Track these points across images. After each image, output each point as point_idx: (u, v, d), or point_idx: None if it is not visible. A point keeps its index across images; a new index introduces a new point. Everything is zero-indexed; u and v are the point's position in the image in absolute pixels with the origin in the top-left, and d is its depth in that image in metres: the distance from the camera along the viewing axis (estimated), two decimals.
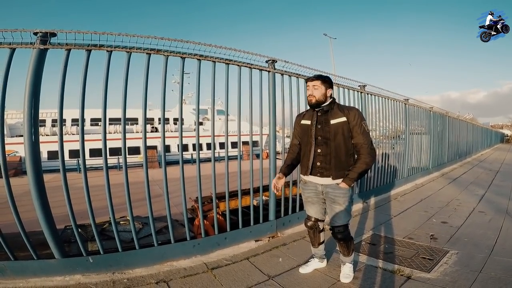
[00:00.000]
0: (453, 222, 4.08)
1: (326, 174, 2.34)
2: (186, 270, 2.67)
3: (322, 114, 2.36)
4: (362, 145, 2.26)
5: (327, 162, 2.32)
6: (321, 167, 2.35)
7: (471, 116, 15.75)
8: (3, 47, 2.19)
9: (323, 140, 2.32)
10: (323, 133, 2.33)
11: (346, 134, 2.28)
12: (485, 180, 7.87)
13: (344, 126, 2.28)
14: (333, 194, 2.33)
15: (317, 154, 2.35)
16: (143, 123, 2.63)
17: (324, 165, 2.33)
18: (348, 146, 2.30)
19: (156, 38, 2.56)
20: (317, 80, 2.34)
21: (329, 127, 2.30)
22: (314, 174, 2.39)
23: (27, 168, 2.29)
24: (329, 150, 2.30)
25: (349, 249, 2.47)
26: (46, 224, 2.37)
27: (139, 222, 3.32)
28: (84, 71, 2.38)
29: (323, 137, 2.33)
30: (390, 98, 5.89)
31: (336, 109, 2.34)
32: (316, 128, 2.36)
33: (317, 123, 2.36)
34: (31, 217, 2.39)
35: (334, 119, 2.30)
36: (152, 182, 2.69)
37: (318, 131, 2.35)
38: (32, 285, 2.30)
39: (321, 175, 2.36)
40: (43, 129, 20.86)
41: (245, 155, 19.64)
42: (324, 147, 2.32)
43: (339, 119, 2.29)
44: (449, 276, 2.54)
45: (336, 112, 2.32)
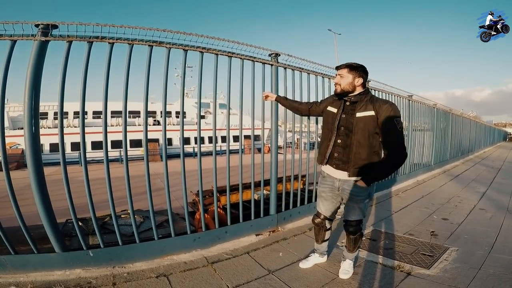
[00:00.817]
0: (454, 219, 4.07)
1: (341, 167, 2.24)
2: (186, 264, 2.68)
3: (349, 104, 2.22)
4: (391, 144, 2.09)
5: (345, 154, 2.21)
6: (337, 159, 2.25)
7: (474, 113, 15.65)
8: (4, 39, 2.17)
9: (345, 131, 2.20)
10: (347, 124, 2.20)
11: (372, 129, 2.11)
12: (487, 178, 7.84)
13: (371, 121, 2.11)
14: (349, 191, 2.24)
15: (337, 144, 2.24)
16: (144, 116, 2.62)
17: (341, 157, 2.23)
18: (373, 142, 2.14)
19: (158, 30, 2.53)
20: (344, 68, 2.20)
21: (353, 119, 2.16)
22: (330, 164, 2.31)
23: (27, 160, 2.28)
24: (350, 143, 2.17)
25: (356, 245, 2.43)
26: (46, 218, 2.37)
27: (139, 216, 3.33)
28: (86, 63, 2.36)
29: (345, 128, 2.20)
30: (394, 94, 5.85)
31: (366, 101, 2.16)
32: (341, 117, 2.23)
33: (342, 112, 2.24)
34: (33, 211, 2.39)
35: (361, 111, 2.14)
36: (153, 176, 2.69)
37: (341, 121, 2.23)
38: (32, 279, 2.31)
39: (336, 166, 2.27)
40: (45, 121, 20.94)
41: (246, 149, 19.64)
42: (345, 139, 2.20)
43: (367, 113, 2.12)
44: (448, 272, 2.54)
45: (365, 104, 2.15)
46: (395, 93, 5.94)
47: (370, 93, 2.26)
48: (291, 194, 3.76)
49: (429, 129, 8.08)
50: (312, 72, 3.85)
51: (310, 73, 3.82)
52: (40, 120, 2.41)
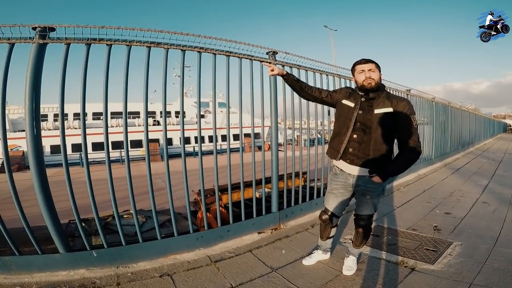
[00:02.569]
0: (457, 213, 4.07)
1: (356, 163, 2.21)
2: (190, 263, 2.68)
3: (366, 100, 2.19)
4: (408, 141, 2.10)
5: (361, 150, 2.18)
6: (353, 154, 2.22)
7: (473, 106, 15.65)
8: (2, 42, 2.17)
9: (362, 127, 2.17)
10: (364, 120, 2.16)
11: (389, 126, 2.12)
12: (488, 170, 7.84)
13: (389, 118, 2.11)
14: (364, 187, 2.24)
15: (352, 139, 2.20)
16: (145, 117, 2.62)
17: (357, 152, 2.19)
18: (389, 138, 2.16)
19: (156, 31, 2.53)
20: (372, 63, 2.18)
21: (371, 115, 2.14)
22: (344, 159, 2.27)
23: (30, 162, 2.29)
24: (367, 139, 2.15)
25: (364, 240, 2.42)
26: (50, 219, 2.38)
27: (142, 216, 3.33)
28: (84, 65, 2.36)
29: (362, 123, 2.17)
30: (391, 89, 5.83)
31: (383, 97, 2.16)
32: (358, 113, 2.19)
33: (359, 108, 2.19)
34: (36, 212, 2.40)
35: (379, 108, 2.13)
36: (154, 176, 2.69)
37: (359, 117, 2.18)
38: (37, 280, 2.32)
39: (351, 162, 2.24)
40: (45, 123, 20.94)
41: (246, 147, 19.64)
42: (361, 135, 2.17)
43: (385, 109, 2.12)
44: (453, 267, 2.54)
45: (383, 101, 2.14)
46: (393, 87, 5.92)
47: (385, 89, 2.26)
48: (293, 192, 3.76)
49: (429, 123, 8.08)
50: (310, 69, 3.83)
51: (308, 70, 3.81)
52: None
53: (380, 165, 2.17)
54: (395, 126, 2.13)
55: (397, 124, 2.12)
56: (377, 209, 2.37)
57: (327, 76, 4.11)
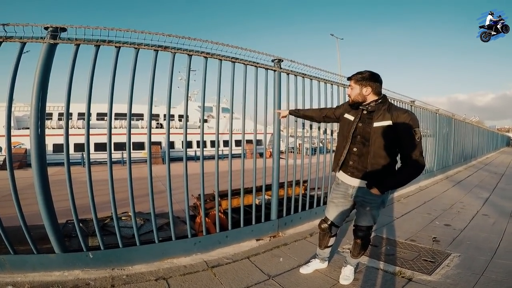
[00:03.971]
0: (456, 224, 4.06)
1: (357, 175, 2.23)
2: (186, 267, 2.67)
3: (367, 113, 2.20)
4: (409, 155, 2.06)
5: (361, 163, 2.20)
6: (353, 167, 2.24)
7: (477, 119, 15.61)
8: (14, 41, 2.20)
9: (361, 140, 2.19)
10: (363, 133, 2.18)
11: (389, 139, 2.09)
12: (490, 183, 7.81)
13: (388, 131, 2.08)
14: (362, 198, 2.25)
15: (352, 152, 2.23)
16: (149, 119, 2.64)
17: (357, 165, 2.21)
18: (389, 152, 2.13)
19: (164, 35, 2.56)
20: (351, 80, 2.23)
21: (370, 128, 2.14)
22: (345, 171, 2.30)
23: (32, 161, 2.30)
24: (366, 152, 2.16)
25: (362, 250, 2.42)
26: (48, 218, 2.38)
27: (140, 218, 3.33)
28: (92, 66, 2.39)
29: (361, 136, 2.19)
30: (395, 100, 5.85)
31: (384, 110, 2.13)
32: (357, 126, 2.22)
33: (359, 121, 2.22)
34: (33, 211, 2.40)
35: (378, 121, 2.12)
36: (155, 178, 2.69)
37: (358, 129, 2.21)
38: (30, 279, 2.31)
39: (351, 174, 2.26)
40: (49, 122, 21.06)
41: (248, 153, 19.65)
42: (361, 147, 2.19)
43: (384, 123, 2.10)
44: (450, 278, 2.53)
45: (383, 113, 2.12)
46: (397, 98, 5.93)
47: (388, 101, 2.24)
48: (293, 200, 3.76)
49: (432, 135, 8.07)
50: (315, 78, 3.86)
51: (313, 79, 3.84)
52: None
53: (379, 178, 2.15)
54: (396, 140, 2.09)
55: (398, 137, 2.08)
56: (376, 221, 2.37)
57: (331, 85, 4.13)
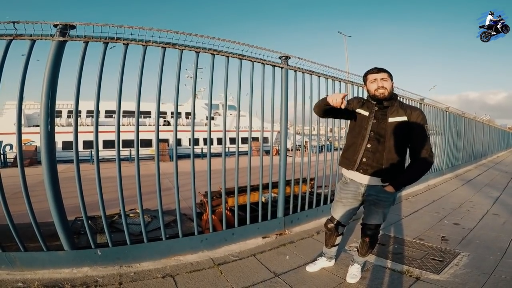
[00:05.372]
0: (466, 224, 4.00)
1: (369, 172, 2.18)
2: (193, 265, 2.69)
3: (380, 109, 2.18)
4: (420, 150, 2.10)
5: (375, 160, 2.16)
6: (366, 164, 2.19)
7: (488, 117, 15.35)
8: (24, 38, 2.23)
9: (376, 137, 2.15)
10: (378, 129, 2.15)
11: (403, 135, 2.11)
12: (501, 183, 7.68)
13: (403, 127, 2.10)
14: (376, 197, 2.21)
15: (366, 149, 2.18)
16: (156, 117, 2.64)
17: (371, 162, 2.17)
18: (403, 148, 2.15)
19: (171, 32, 2.56)
20: (385, 72, 2.15)
21: (385, 124, 2.13)
22: (358, 170, 2.23)
23: (42, 158, 2.33)
24: (381, 148, 2.14)
25: (370, 249, 2.40)
26: (57, 215, 2.40)
27: (148, 215, 3.35)
28: (101, 64, 2.41)
29: (376, 133, 2.15)
30: (405, 97, 5.78)
31: (397, 106, 2.16)
32: (372, 122, 2.18)
33: (374, 117, 2.18)
34: (43, 208, 2.43)
35: (394, 117, 2.12)
36: (162, 175, 2.71)
37: (373, 126, 2.16)
38: (40, 276, 2.33)
39: (364, 172, 2.20)
40: (58, 120, 21.30)
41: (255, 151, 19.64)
42: (375, 144, 2.15)
43: (399, 118, 2.11)
44: (459, 278, 2.50)
45: (396, 109, 2.14)
46: (406, 96, 5.86)
47: (398, 98, 2.24)
48: (299, 197, 3.75)
49: (441, 133, 7.97)
50: (322, 75, 3.83)
51: (320, 76, 3.81)
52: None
53: (393, 175, 2.15)
54: (409, 136, 2.12)
55: (410, 134, 2.12)
56: (386, 219, 2.34)
57: (339, 83, 4.10)
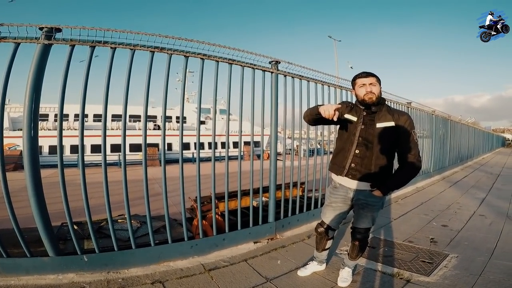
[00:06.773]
0: (454, 225, 4.07)
1: (357, 178, 2.19)
2: (183, 270, 2.65)
3: (368, 114, 2.17)
4: (408, 155, 2.11)
5: (364, 165, 2.16)
6: (354, 169, 2.19)
7: (473, 120, 15.72)
8: (8, 41, 2.17)
9: (364, 142, 2.15)
10: (366, 135, 2.15)
11: (392, 140, 2.13)
12: (486, 184, 7.85)
13: (391, 132, 2.11)
14: (364, 201, 2.22)
15: (354, 155, 2.18)
16: (144, 121, 2.61)
17: (359, 167, 2.17)
18: (391, 153, 2.17)
19: (160, 36, 2.54)
20: (373, 77, 2.14)
21: (373, 129, 2.13)
22: (347, 175, 2.23)
23: (25, 163, 2.27)
24: (369, 154, 2.14)
25: (360, 252, 2.41)
26: (41, 221, 2.34)
27: (136, 221, 3.30)
28: (87, 67, 2.37)
29: (364, 138, 2.15)
30: (392, 101, 5.86)
31: (384, 111, 2.16)
32: (361, 128, 2.17)
33: (362, 123, 2.17)
34: (28, 213, 2.36)
35: (381, 122, 2.12)
36: (152, 180, 2.67)
37: (361, 132, 2.16)
38: (24, 283, 2.27)
39: (352, 177, 2.21)
40: (45, 123, 20.89)
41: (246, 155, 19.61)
42: (363, 150, 2.15)
43: (387, 123, 2.11)
44: (448, 279, 2.53)
45: (384, 114, 2.14)
46: (393, 100, 5.95)
47: (385, 103, 2.25)
48: (290, 202, 3.74)
49: (428, 136, 8.11)
50: (312, 79, 3.86)
51: (310, 81, 3.84)
52: (40, 121, 2.39)
53: (382, 179, 2.17)
54: (396, 141, 2.14)
55: (398, 139, 2.13)
56: (375, 223, 2.36)
57: (328, 87, 4.13)
